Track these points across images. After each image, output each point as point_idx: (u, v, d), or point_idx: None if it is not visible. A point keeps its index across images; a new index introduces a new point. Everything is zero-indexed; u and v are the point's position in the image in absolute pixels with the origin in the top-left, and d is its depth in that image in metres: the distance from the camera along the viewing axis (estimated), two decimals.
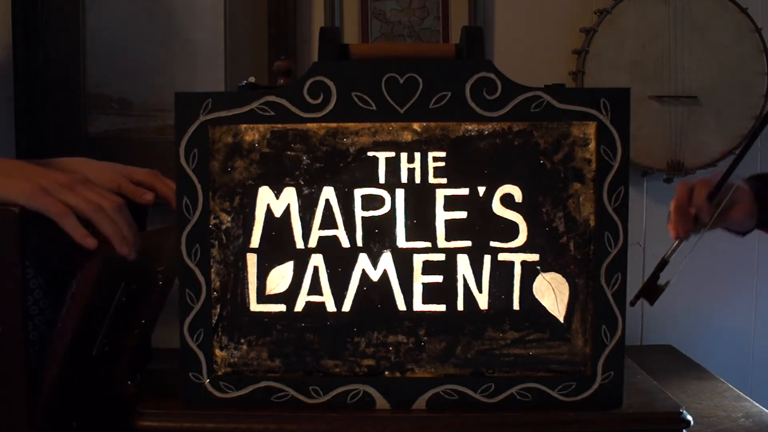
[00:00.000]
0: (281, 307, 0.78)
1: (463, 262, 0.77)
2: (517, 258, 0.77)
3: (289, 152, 0.76)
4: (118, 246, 0.70)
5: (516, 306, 0.77)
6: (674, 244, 0.94)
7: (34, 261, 0.72)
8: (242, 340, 0.78)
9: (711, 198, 0.93)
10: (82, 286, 0.70)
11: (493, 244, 0.77)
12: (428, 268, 0.77)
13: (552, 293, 0.77)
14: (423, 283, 0.77)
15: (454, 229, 0.77)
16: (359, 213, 0.77)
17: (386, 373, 0.78)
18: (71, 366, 0.73)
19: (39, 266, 0.73)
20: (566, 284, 0.77)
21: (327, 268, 0.77)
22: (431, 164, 0.77)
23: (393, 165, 0.77)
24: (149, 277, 0.86)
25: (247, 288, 0.77)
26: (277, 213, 0.77)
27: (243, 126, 0.76)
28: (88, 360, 0.78)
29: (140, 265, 0.77)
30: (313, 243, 0.77)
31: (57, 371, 0.70)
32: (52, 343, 0.71)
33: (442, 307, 0.78)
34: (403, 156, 0.77)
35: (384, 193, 0.77)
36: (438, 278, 0.77)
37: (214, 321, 0.77)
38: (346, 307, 0.78)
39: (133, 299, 0.82)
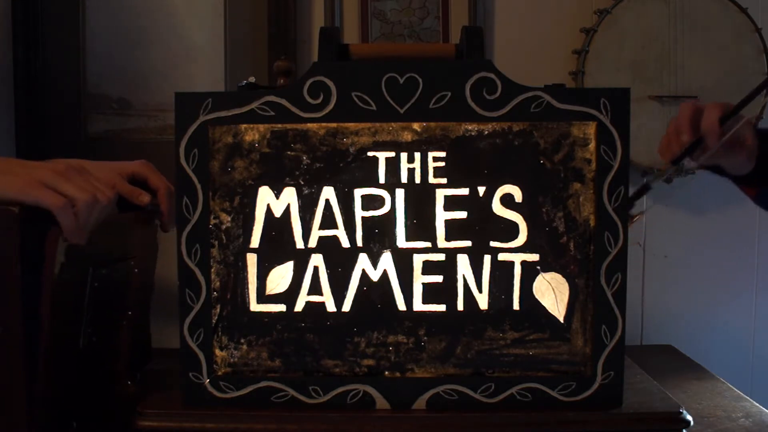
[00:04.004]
0: (281, 307, 0.78)
1: (463, 262, 0.77)
2: (517, 258, 0.77)
3: (289, 152, 0.76)
4: (79, 238, 0.70)
5: (516, 306, 0.77)
6: (664, 168, 0.87)
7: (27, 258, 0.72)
8: (242, 340, 0.78)
9: (722, 122, 0.84)
10: (46, 274, 0.69)
11: (493, 244, 0.77)
12: (428, 268, 0.77)
13: (552, 293, 0.77)
14: (423, 283, 0.77)
15: (454, 229, 0.77)
16: (359, 213, 0.77)
17: (386, 373, 0.78)
18: (58, 358, 0.73)
19: (32, 264, 0.73)
20: (566, 284, 0.77)
21: (327, 268, 0.77)
22: (431, 164, 0.77)
23: (393, 165, 0.77)
24: (121, 264, 0.85)
25: (247, 288, 0.77)
26: (277, 213, 0.77)
27: (243, 126, 0.76)
28: (75, 352, 0.77)
29: (104, 250, 0.77)
30: (313, 243, 0.77)
31: (44, 364, 0.70)
32: (37, 337, 0.70)
33: (442, 307, 0.78)
34: (403, 156, 0.77)
35: (384, 193, 0.77)
36: (438, 278, 0.77)
37: (214, 321, 0.77)
38: (346, 307, 0.78)
39: (107, 286, 0.82)
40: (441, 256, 0.77)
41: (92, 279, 0.78)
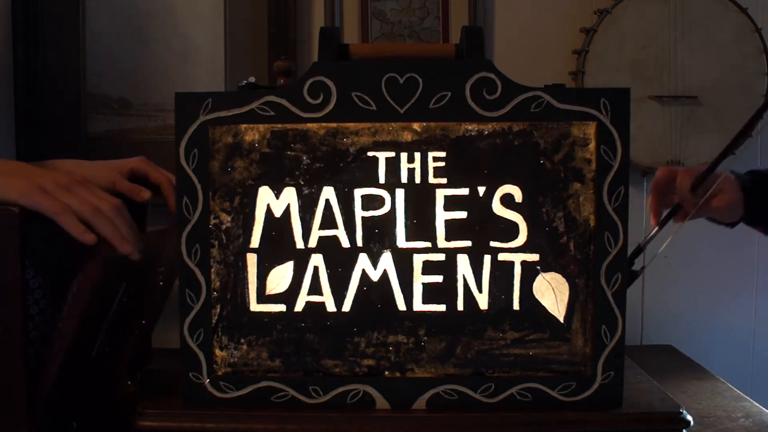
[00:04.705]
0: (281, 307, 0.78)
1: (463, 262, 0.77)
2: (517, 258, 0.77)
3: (289, 152, 0.76)
4: (119, 245, 0.70)
5: (516, 306, 0.77)
6: (652, 232, 0.92)
7: (33, 261, 0.72)
8: (242, 340, 0.78)
9: (694, 189, 0.91)
10: (83, 287, 0.70)
11: (493, 244, 0.77)
12: (428, 268, 0.77)
13: (552, 293, 0.77)
14: (423, 283, 0.77)
15: (454, 229, 0.77)
16: (359, 213, 0.77)
17: (386, 373, 0.78)
18: (71, 366, 0.73)
19: (38, 266, 0.73)
20: (566, 284, 0.77)
21: (327, 268, 0.77)
22: (431, 164, 0.77)
23: (393, 165, 0.77)
24: (150, 278, 0.86)
25: (247, 288, 0.77)
26: (277, 213, 0.77)
27: (243, 126, 0.76)
28: (87, 360, 0.78)
29: (141, 266, 0.77)
30: (313, 243, 0.77)
31: (57, 372, 0.70)
32: (52, 344, 0.71)
33: (442, 307, 0.78)
34: (403, 156, 0.77)
35: (384, 193, 0.77)
36: (438, 278, 0.77)
37: (214, 321, 0.77)
38: (346, 307, 0.78)
39: (133, 300, 0.82)
40: (441, 256, 0.77)
41: (122, 294, 0.78)
